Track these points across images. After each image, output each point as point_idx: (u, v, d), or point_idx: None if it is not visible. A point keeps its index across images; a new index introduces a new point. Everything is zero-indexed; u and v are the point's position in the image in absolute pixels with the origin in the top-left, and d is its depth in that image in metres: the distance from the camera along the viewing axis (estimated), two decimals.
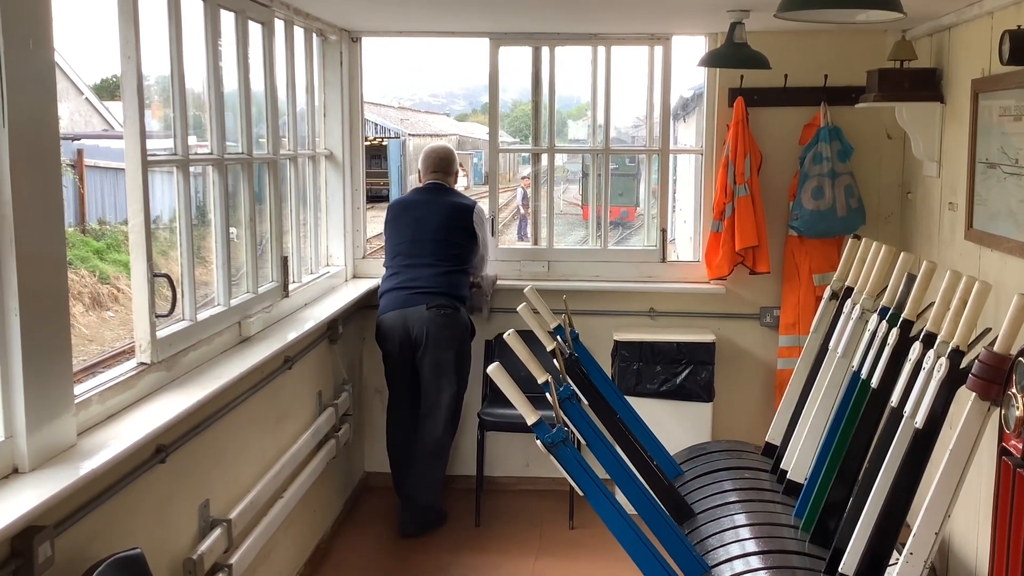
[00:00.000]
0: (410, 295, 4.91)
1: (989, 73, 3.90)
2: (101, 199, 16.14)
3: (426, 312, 4.86)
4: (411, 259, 5.01)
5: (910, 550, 2.49)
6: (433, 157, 5.27)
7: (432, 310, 4.87)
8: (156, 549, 2.85)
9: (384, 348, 4.99)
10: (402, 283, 4.97)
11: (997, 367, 2.42)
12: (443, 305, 4.90)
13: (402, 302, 4.92)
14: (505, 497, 5.48)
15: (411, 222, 5.09)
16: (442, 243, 5.03)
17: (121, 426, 2.75)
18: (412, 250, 5.02)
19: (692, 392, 5.15)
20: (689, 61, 5.31)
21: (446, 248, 5.03)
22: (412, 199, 5.30)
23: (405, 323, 4.88)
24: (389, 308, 4.95)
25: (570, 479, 2.87)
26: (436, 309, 4.88)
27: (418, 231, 5.04)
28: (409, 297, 4.91)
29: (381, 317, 4.97)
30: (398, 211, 5.20)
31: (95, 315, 12.53)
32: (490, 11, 4.71)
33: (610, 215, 5.74)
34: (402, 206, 5.23)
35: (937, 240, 4.61)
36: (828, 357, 3.63)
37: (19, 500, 2.18)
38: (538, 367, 3.03)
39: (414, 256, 5.01)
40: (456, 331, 4.94)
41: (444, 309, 4.90)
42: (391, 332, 4.93)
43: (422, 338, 4.87)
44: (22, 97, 2.27)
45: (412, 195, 5.36)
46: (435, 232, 5.04)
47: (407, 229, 5.08)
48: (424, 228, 5.04)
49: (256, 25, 4.12)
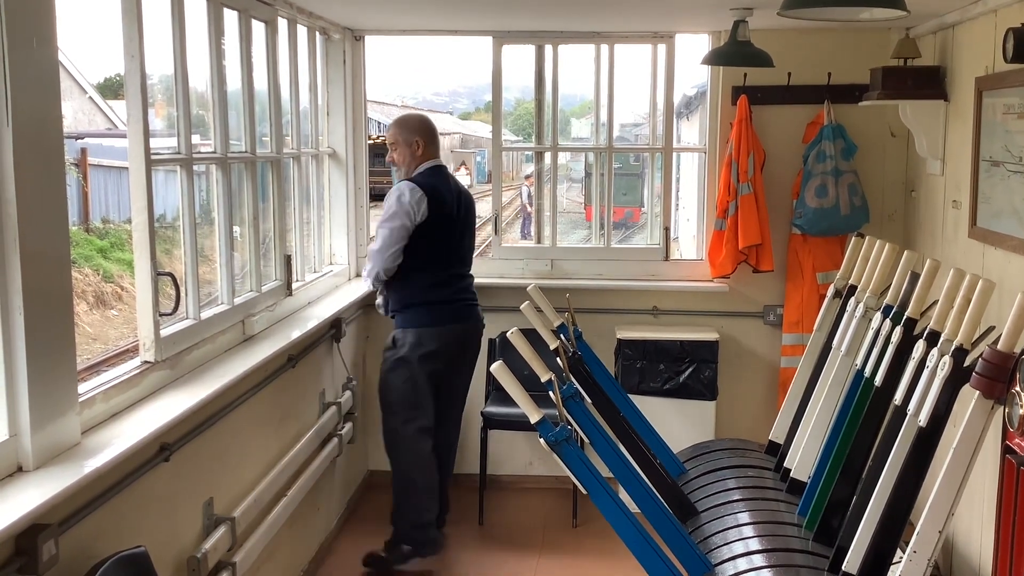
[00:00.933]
0: (466, 307, 4.61)
1: (993, 71, 3.89)
2: (105, 198, 16.16)
3: (479, 327, 4.72)
4: (460, 267, 4.63)
5: (914, 548, 2.49)
6: (433, 129, 4.65)
7: (481, 325, 4.74)
8: (160, 547, 2.86)
9: (430, 366, 4.47)
10: (456, 295, 4.55)
11: (1001, 365, 2.42)
12: (481, 319, 4.75)
13: (462, 315, 4.58)
14: (508, 495, 5.48)
15: (449, 223, 4.50)
16: (470, 246, 4.73)
17: (125, 424, 2.75)
18: (457, 256, 4.60)
19: (695, 390, 5.15)
20: (692, 59, 5.31)
21: (471, 251, 4.76)
22: (444, 190, 4.50)
23: (464, 339, 4.62)
24: (447, 321, 4.51)
25: (573, 477, 2.87)
26: (480, 323, 4.74)
27: (456, 234, 4.56)
28: (466, 309, 4.61)
29: (436, 331, 4.47)
30: (437, 208, 4.41)
31: (99, 313, 12.55)
32: (493, 10, 4.71)
33: (613, 216, 5.71)
34: (439, 202, 4.43)
35: (941, 238, 4.60)
36: (832, 355, 3.62)
37: (23, 498, 2.18)
38: (541, 365, 3.03)
39: (461, 264, 4.64)
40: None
41: (482, 322, 4.77)
42: (447, 348, 4.51)
43: (470, 353, 4.70)
44: (26, 96, 2.27)
45: (438, 183, 4.50)
46: (468, 234, 4.69)
47: (449, 232, 4.52)
48: (461, 230, 4.60)
49: (259, 23, 4.12)
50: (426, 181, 4.43)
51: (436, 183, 4.46)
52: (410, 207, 4.32)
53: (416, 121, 4.58)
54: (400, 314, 4.50)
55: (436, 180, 4.48)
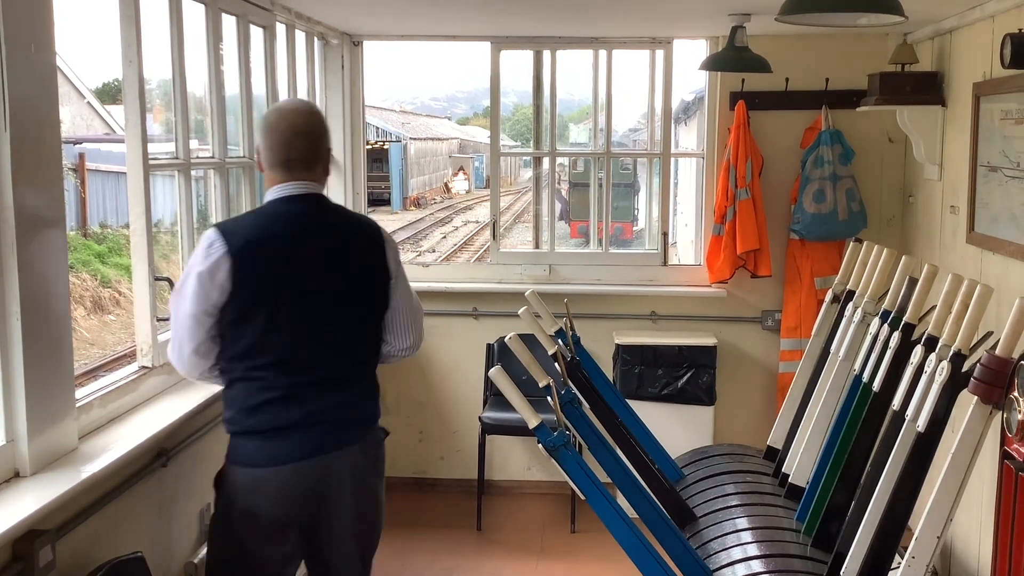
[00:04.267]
0: (332, 429, 2.68)
1: (990, 76, 3.90)
2: (103, 203, 16.16)
3: (359, 453, 2.74)
4: (324, 364, 2.68)
5: (912, 554, 2.48)
6: (283, 129, 2.70)
7: (366, 449, 2.78)
8: (157, 553, 2.85)
9: (248, 524, 2.64)
10: (313, 415, 2.64)
11: (999, 371, 2.42)
12: (379, 439, 2.87)
13: (320, 443, 2.65)
14: (507, 500, 5.47)
15: (288, 296, 2.64)
16: (363, 323, 2.79)
17: (122, 430, 2.75)
18: (317, 345, 2.67)
19: (693, 395, 5.14)
20: (690, 65, 5.31)
21: (363, 327, 2.79)
22: (279, 239, 2.66)
23: (321, 479, 2.67)
24: (286, 457, 2.63)
25: (571, 482, 2.87)
26: (369, 446, 2.80)
27: (312, 309, 2.66)
28: (330, 432, 2.67)
29: (258, 474, 2.64)
30: (253, 273, 2.59)
31: (96, 319, 12.53)
32: (491, 15, 4.72)
33: (602, 231, 5.68)
34: (255, 262, 2.60)
35: (939, 243, 4.60)
36: (830, 361, 3.62)
37: (20, 504, 2.18)
38: (540, 370, 3.03)
39: (329, 356, 2.70)
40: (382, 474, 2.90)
41: (380, 445, 2.87)
42: (280, 496, 2.64)
43: (345, 496, 2.72)
44: (24, 100, 2.27)
45: (270, 227, 2.68)
46: (342, 303, 2.73)
47: (292, 311, 2.64)
48: (324, 302, 2.69)
49: (257, 29, 4.12)
50: (242, 225, 2.73)
51: (264, 227, 2.67)
52: (205, 276, 2.56)
53: (263, 120, 2.78)
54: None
55: (267, 223, 2.69)
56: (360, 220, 2.89)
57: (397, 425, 5.58)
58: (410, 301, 2.87)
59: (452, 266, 6.67)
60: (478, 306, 5.48)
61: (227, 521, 2.67)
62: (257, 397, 2.62)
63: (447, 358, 5.53)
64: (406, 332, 2.85)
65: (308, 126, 2.72)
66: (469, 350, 5.45)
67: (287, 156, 2.68)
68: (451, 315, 5.49)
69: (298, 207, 2.69)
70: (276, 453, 2.62)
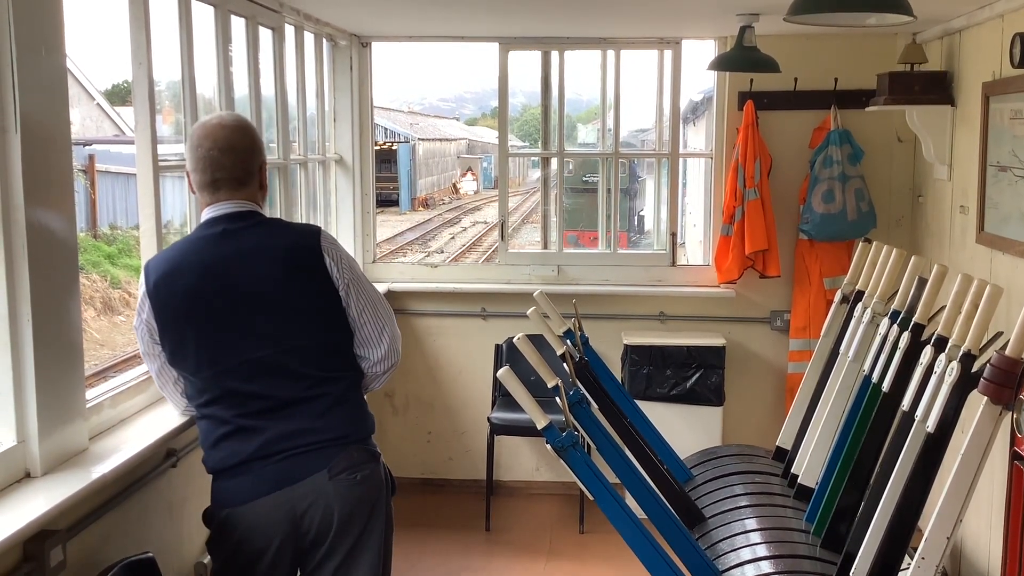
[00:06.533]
0: (283, 462, 2.52)
1: (1000, 76, 3.89)
2: (112, 204, 16.22)
3: (327, 482, 2.53)
4: (254, 392, 2.53)
5: (922, 555, 2.48)
6: (207, 146, 2.57)
7: (341, 476, 2.55)
8: (168, 553, 2.86)
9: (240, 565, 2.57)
10: (265, 447, 2.52)
11: (1009, 371, 2.41)
12: (356, 461, 2.59)
13: (271, 479, 2.52)
14: (515, 501, 5.47)
15: (219, 328, 2.53)
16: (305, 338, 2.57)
17: (132, 430, 2.76)
18: (250, 374, 2.52)
19: (702, 396, 5.14)
20: (699, 65, 5.32)
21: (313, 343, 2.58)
22: (197, 270, 2.53)
23: (288, 514, 2.52)
24: (246, 495, 2.53)
25: (580, 483, 2.87)
26: (347, 472, 2.57)
27: (242, 333, 2.52)
28: (282, 466, 2.52)
29: (229, 513, 2.55)
30: (172, 307, 2.53)
31: (106, 320, 12.58)
32: (499, 15, 4.72)
33: (564, 243, 5.68)
34: (170, 295, 2.53)
35: (948, 243, 4.59)
36: (839, 361, 3.61)
37: (31, 505, 2.18)
38: (548, 371, 3.03)
39: (259, 384, 2.53)
40: (380, 499, 2.68)
41: (358, 467, 2.60)
42: (254, 533, 2.53)
43: (323, 529, 2.56)
44: (34, 102, 2.28)
45: (190, 255, 2.56)
46: (280, 323, 2.54)
47: (214, 334, 2.53)
48: (250, 324, 2.52)
49: (266, 30, 4.13)
50: (162, 259, 2.61)
51: (177, 258, 2.57)
52: (137, 316, 2.61)
53: (188, 138, 2.65)
54: None
55: (182, 253, 2.58)
56: (295, 231, 2.69)
57: (405, 425, 5.60)
58: (375, 308, 2.64)
59: (460, 267, 6.66)
60: (486, 307, 5.48)
61: (221, 563, 2.61)
62: (214, 433, 2.55)
63: (456, 359, 5.54)
64: (375, 342, 2.64)
65: (231, 141, 2.56)
66: (478, 351, 5.45)
67: (213, 176, 2.55)
68: (459, 316, 5.50)
69: (218, 229, 2.55)
70: (237, 491, 2.53)
